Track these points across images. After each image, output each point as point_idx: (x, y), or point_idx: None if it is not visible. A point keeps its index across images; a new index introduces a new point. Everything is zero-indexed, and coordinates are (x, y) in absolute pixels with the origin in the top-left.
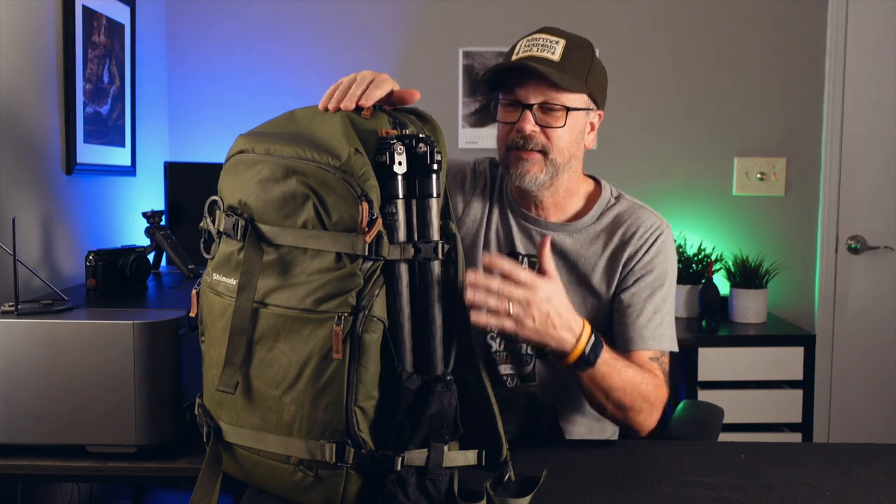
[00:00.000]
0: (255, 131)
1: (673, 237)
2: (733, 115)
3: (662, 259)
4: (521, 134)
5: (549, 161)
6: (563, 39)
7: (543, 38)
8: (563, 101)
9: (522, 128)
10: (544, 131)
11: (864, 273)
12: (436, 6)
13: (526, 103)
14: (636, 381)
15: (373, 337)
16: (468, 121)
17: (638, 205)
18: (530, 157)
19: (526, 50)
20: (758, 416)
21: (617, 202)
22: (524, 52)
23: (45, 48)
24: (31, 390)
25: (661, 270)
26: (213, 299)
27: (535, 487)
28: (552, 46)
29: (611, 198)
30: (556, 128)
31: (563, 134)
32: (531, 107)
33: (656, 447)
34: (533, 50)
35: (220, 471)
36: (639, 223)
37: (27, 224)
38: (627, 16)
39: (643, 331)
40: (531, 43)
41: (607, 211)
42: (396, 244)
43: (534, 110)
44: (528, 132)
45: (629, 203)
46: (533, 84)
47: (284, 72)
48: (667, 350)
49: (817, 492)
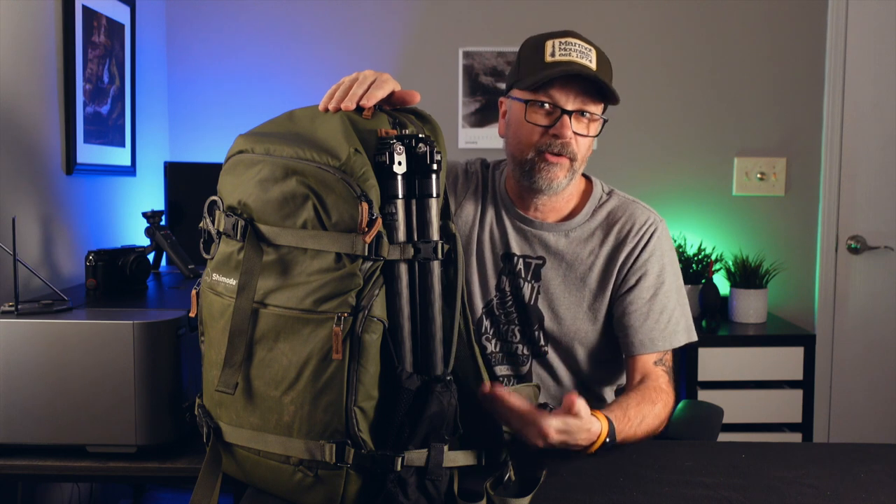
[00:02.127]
0: (254, 131)
1: (668, 230)
2: (733, 115)
3: (659, 256)
4: (559, 139)
5: (573, 168)
6: (594, 48)
7: (579, 45)
8: (598, 111)
9: (564, 133)
10: (576, 138)
11: (864, 273)
12: (436, 6)
13: (565, 109)
14: (650, 416)
15: (372, 337)
16: (468, 121)
17: (630, 200)
18: (561, 163)
19: (563, 54)
20: (758, 416)
21: (609, 198)
22: (562, 56)
23: (45, 48)
24: (31, 390)
25: (660, 267)
26: (213, 299)
27: (535, 487)
28: (588, 54)
29: (602, 194)
30: (589, 136)
31: (588, 142)
32: (570, 113)
33: (656, 447)
34: (572, 55)
35: (220, 471)
36: (633, 220)
37: (27, 224)
38: (627, 16)
39: (651, 333)
40: (567, 47)
41: (600, 208)
42: (396, 244)
43: (571, 117)
44: (568, 138)
45: (621, 198)
46: (574, 90)
47: (284, 72)
48: (678, 346)
49: (817, 492)
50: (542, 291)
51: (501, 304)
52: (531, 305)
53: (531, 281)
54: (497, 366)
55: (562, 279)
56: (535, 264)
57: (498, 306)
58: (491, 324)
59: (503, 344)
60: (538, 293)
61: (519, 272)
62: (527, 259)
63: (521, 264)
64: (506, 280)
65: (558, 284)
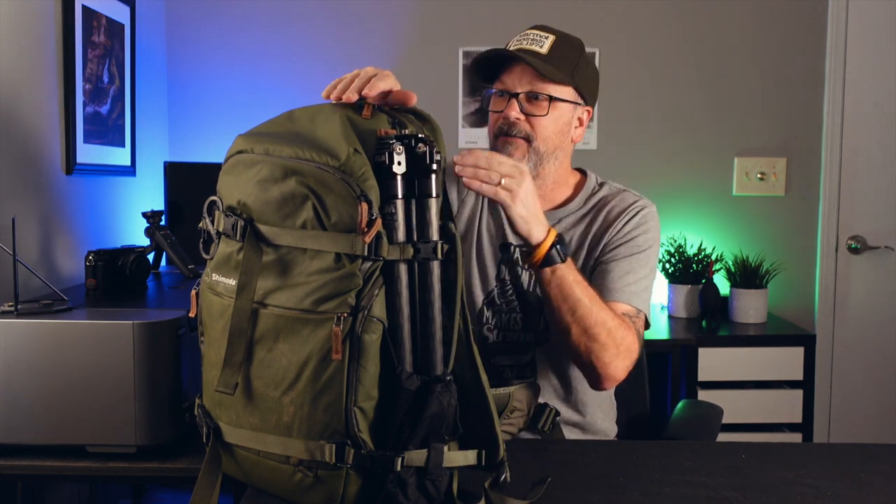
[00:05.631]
0: (253, 131)
1: (657, 216)
2: (733, 115)
3: (643, 230)
4: (506, 121)
5: (533, 149)
6: (552, 35)
7: (534, 34)
8: (548, 91)
9: (508, 115)
10: (529, 120)
11: (864, 273)
12: (436, 6)
13: (512, 92)
14: (603, 313)
15: (372, 337)
16: (468, 121)
17: (622, 188)
18: (514, 142)
19: (516, 43)
20: (758, 416)
21: (601, 188)
22: (514, 45)
23: (45, 48)
24: (31, 390)
25: (641, 241)
26: (213, 300)
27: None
28: (541, 41)
29: (595, 185)
30: (540, 116)
31: (548, 123)
32: (517, 95)
33: (656, 447)
34: (523, 43)
35: (220, 471)
36: (623, 202)
37: (27, 224)
38: (627, 16)
39: (613, 284)
40: (522, 37)
41: (592, 196)
42: (396, 244)
43: (520, 99)
44: (513, 119)
45: (613, 187)
46: (519, 73)
47: (284, 72)
48: (638, 308)
49: (817, 492)
50: None
51: (502, 294)
52: (530, 292)
53: (529, 269)
54: (498, 356)
55: None
56: None
57: (499, 296)
58: (492, 314)
59: (505, 333)
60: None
61: (517, 260)
62: (522, 248)
63: (518, 253)
64: (505, 269)
65: None
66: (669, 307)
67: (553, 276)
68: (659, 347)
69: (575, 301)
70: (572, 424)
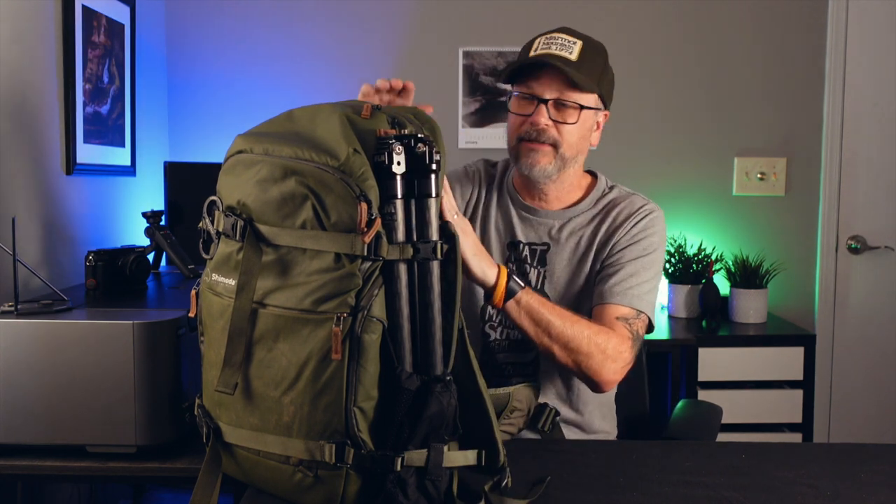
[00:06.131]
0: (253, 131)
1: (664, 222)
2: (733, 115)
3: (649, 234)
4: (534, 126)
5: (559, 155)
6: (580, 41)
7: (562, 38)
8: (577, 100)
9: (537, 121)
10: (557, 126)
11: (864, 273)
12: (436, 6)
13: (542, 98)
14: (577, 326)
15: (372, 337)
16: (468, 121)
17: (631, 192)
18: (541, 149)
19: (545, 47)
20: (758, 416)
21: (611, 191)
22: (543, 49)
23: (45, 48)
24: (31, 390)
25: (647, 244)
26: (213, 300)
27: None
28: (570, 46)
29: (605, 187)
30: (569, 124)
31: (574, 130)
32: (546, 101)
33: (656, 447)
34: (552, 48)
35: (220, 471)
36: (632, 206)
37: (27, 224)
38: (627, 16)
39: (613, 287)
40: (550, 41)
41: (602, 198)
42: (395, 244)
43: (548, 105)
44: (542, 125)
45: (623, 191)
46: (549, 80)
47: (284, 72)
48: (639, 310)
49: (817, 492)
50: (547, 276)
51: None
52: (538, 290)
53: (537, 266)
54: (501, 353)
55: (566, 262)
56: (541, 250)
57: None
58: (497, 312)
59: (509, 331)
60: (544, 278)
61: (525, 258)
62: (532, 246)
63: (526, 251)
64: (512, 267)
65: (563, 268)
66: (669, 307)
67: (520, 307)
68: (659, 347)
69: (547, 323)
70: (572, 424)
